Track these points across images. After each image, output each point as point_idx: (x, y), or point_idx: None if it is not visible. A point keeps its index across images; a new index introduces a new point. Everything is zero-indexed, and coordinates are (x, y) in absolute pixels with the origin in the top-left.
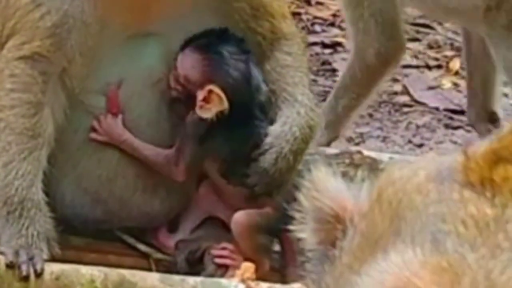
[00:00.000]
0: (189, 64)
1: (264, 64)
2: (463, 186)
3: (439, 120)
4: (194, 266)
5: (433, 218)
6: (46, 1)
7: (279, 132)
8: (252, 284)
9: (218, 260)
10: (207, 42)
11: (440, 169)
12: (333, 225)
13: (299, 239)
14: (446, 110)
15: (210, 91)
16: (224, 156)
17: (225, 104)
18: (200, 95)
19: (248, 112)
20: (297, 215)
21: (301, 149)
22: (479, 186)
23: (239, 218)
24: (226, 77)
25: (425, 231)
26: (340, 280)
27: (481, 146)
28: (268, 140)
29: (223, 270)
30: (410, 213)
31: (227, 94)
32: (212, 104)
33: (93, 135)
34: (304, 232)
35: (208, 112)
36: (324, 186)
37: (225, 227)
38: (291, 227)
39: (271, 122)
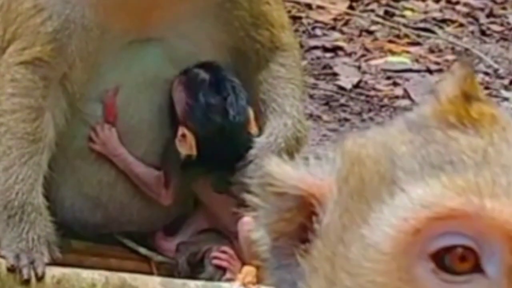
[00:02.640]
0: (176, 96)
1: (257, 74)
2: (444, 128)
3: None
4: (195, 268)
5: (429, 157)
6: (48, 6)
7: (265, 143)
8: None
9: (215, 261)
10: (198, 83)
11: (409, 121)
12: (302, 208)
13: (252, 242)
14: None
15: (184, 133)
16: (209, 178)
17: (194, 151)
18: (179, 131)
19: (225, 154)
20: (249, 215)
21: None
22: (460, 124)
23: (248, 221)
24: (199, 128)
25: (426, 169)
26: (339, 247)
27: (447, 92)
28: (253, 151)
29: (222, 272)
30: (401, 160)
31: (198, 142)
32: (185, 145)
33: (91, 144)
34: (259, 231)
35: (181, 149)
36: (282, 173)
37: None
38: (245, 229)
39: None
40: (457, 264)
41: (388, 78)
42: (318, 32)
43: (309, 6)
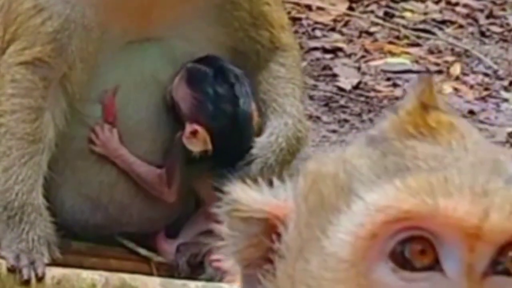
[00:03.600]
0: (180, 94)
1: (257, 74)
2: (403, 139)
3: None
4: (195, 269)
5: (386, 167)
6: (48, 6)
7: (266, 143)
8: None
9: (216, 264)
10: (202, 77)
11: (369, 137)
12: (268, 232)
13: (224, 272)
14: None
15: (196, 130)
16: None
17: (209, 146)
18: (188, 128)
19: (237, 145)
20: (217, 245)
21: (287, 161)
22: (417, 134)
23: None
24: (212, 121)
25: (383, 177)
26: (299, 262)
27: (406, 106)
28: (254, 150)
29: (222, 273)
30: (358, 172)
31: (212, 136)
32: (198, 141)
33: (91, 146)
34: (229, 260)
35: (193, 147)
36: (247, 198)
37: None
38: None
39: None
40: (417, 258)
41: (388, 79)
42: (318, 33)
43: (308, 7)
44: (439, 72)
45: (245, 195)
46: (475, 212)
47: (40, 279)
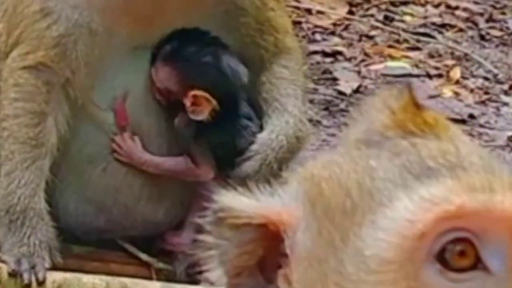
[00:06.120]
0: (163, 77)
1: (261, 75)
2: (406, 137)
3: None
4: (194, 278)
5: (407, 166)
6: (56, 10)
7: (266, 139)
8: None
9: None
10: (171, 50)
11: (360, 140)
12: (264, 238)
13: (211, 283)
14: (447, 119)
15: (195, 96)
16: (216, 149)
17: (214, 102)
18: (187, 101)
19: (233, 100)
20: (203, 255)
21: (286, 159)
22: (419, 131)
23: None
24: (201, 78)
25: (409, 178)
26: (329, 264)
27: (396, 103)
28: (254, 146)
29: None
30: (378, 173)
31: (210, 92)
32: (202, 106)
33: (116, 155)
34: (216, 270)
35: (201, 114)
36: (243, 204)
37: None
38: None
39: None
40: (456, 260)
41: (388, 83)
42: (318, 37)
43: (309, 11)
44: (439, 76)
45: (238, 201)
46: None
47: (41, 283)
